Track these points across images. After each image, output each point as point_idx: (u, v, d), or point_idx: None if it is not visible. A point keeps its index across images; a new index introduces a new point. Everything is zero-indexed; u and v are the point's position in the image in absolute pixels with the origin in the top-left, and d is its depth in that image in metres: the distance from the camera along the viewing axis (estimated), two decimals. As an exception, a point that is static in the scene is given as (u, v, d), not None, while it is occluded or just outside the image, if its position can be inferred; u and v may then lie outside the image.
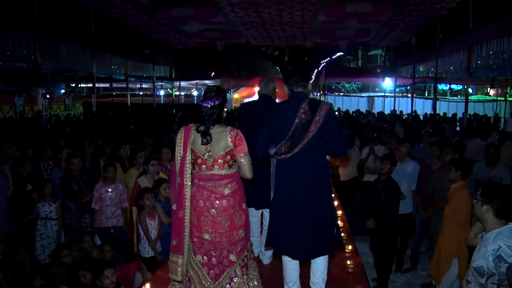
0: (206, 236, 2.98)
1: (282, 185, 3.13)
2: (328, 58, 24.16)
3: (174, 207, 3.06)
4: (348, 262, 4.10)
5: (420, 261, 5.87)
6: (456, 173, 4.55)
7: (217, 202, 2.97)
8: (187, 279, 3.07)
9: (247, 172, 3.00)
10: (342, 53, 25.47)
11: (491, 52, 10.23)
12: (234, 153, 2.98)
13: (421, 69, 17.82)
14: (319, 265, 3.19)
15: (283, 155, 3.05)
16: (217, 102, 2.97)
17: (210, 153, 2.96)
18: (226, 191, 2.99)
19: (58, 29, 11.97)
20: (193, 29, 14.07)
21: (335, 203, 5.67)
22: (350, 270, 4.02)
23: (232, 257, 3.03)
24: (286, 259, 3.20)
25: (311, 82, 3.19)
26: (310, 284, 3.27)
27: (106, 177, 5.49)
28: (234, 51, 27.93)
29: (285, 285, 3.29)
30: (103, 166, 5.99)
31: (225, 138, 2.96)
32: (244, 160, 2.98)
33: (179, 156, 3.01)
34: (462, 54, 12.13)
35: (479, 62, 11.21)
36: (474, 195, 2.99)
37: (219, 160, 2.97)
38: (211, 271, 3.01)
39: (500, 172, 5.71)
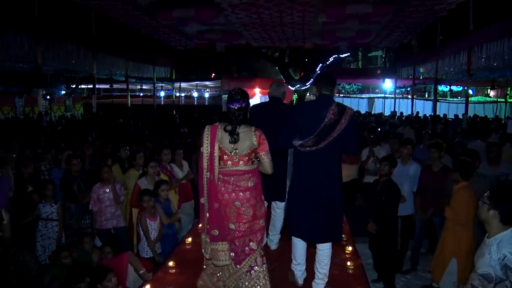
0: (232, 226, 3.26)
1: (302, 175, 3.48)
2: (336, 55, 23.83)
3: (202, 200, 3.31)
4: (349, 263, 4.11)
5: (420, 262, 5.87)
6: (455, 174, 4.57)
7: (241, 194, 3.24)
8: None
9: (268, 168, 3.28)
10: (345, 55, 25.36)
11: (491, 54, 10.22)
12: (257, 151, 3.25)
13: (421, 70, 17.80)
14: (325, 252, 3.53)
15: (307, 148, 3.39)
16: (243, 105, 3.23)
17: (236, 151, 3.22)
18: (250, 184, 3.27)
19: (59, 30, 11.95)
20: (193, 30, 14.05)
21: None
22: (350, 271, 4.02)
23: (253, 245, 3.29)
24: (296, 240, 3.58)
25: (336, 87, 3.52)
26: (314, 280, 3.61)
27: (103, 177, 5.49)
28: (234, 52, 27.90)
29: (293, 260, 3.66)
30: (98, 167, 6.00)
31: (251, 137, 3.23)
32: (266, 158, 3.26)
33: (207, 153, 3.24)
34: (462, 55, 12.09)
35: (479, 63, 11.20)
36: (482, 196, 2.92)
37: (245, 157, 3.24)
38: (235, 258, 3.27)
39: (505, 168, 5.72)
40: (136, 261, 4.37)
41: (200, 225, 3.38)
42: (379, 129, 11.28)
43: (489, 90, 26.15)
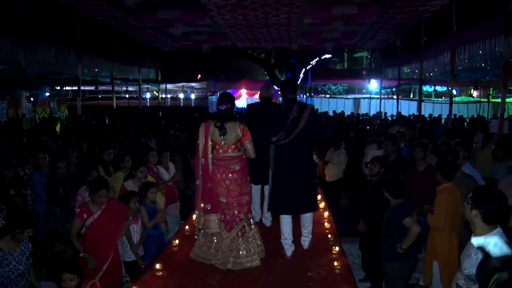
0: (223, 200, 4.14)
1: (280, 162, 4.32)
2: (322, 56, 23.89)
3: (198, 182, 4.22)
4: (335, 263, 4.13)
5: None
6: (437, 174, 4.57)
7: (230, 175, 4.12)
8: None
9: (252, 154, 4.13)
10: (329, 55, 25.54)
11: (474, 54, 10.37)
12: (242, 140, 4.07)
13: (406, 71, 17.99)
14: (307, 218, 4.44)
15: (282, 141, 4.24)
16: (229, 106, 4.09)
17: (225, 141, 4.07)
18: (237, 167, 4.14)
19: (42, 31, 11.81)
20: (179, 32, 14.00)
21: (322, 204, 5.74)
22: (337, 271, 4.04)
23: (241, 216, 4.16)
24: (283, 217, 4.39)
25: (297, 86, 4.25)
26: (301, 237, 4.49)
27: (90, 180, 5.41)
28: (220, 54, 27.87)
29: (282, 236, 4.42)
30: (86, 170, 5.89)
31: (236, 129, 4.05)
32: (249, 145, 4.09)
33: (202, 144, 4.12)
34: (446, 56, 12.29)
35: (462, 64, 11.37)
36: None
37: (232, 146, 4.09)
38: (226, 225, 4.12)
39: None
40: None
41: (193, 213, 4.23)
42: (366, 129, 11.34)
43: (472, 90, 26.53)
